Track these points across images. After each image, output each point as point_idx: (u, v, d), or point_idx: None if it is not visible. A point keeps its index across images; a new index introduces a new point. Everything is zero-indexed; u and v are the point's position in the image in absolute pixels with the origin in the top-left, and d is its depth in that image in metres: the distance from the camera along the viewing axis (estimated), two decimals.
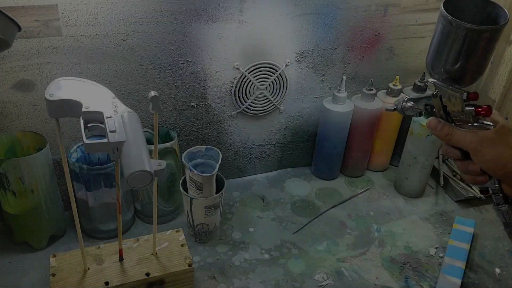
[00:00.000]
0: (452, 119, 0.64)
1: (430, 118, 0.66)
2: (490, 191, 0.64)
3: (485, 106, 0.59)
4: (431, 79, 0.66)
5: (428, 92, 0.67)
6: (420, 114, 0.71)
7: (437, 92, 0.63)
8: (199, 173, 0.89)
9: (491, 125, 0.60)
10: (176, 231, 0.92)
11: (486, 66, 0.67)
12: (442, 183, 1.17)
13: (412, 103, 0.70)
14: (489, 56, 0.64)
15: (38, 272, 0.89)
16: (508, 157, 0.59)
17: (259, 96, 1.07)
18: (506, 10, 0.62)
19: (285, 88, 1.09)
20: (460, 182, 1.19)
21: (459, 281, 0.91)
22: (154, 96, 0.68)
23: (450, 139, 0.63)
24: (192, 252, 0.95)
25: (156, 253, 0.86)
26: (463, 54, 0.63)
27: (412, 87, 1.19)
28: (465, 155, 0.64)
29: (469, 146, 0.61)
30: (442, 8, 0.63)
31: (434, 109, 0.66)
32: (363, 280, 0.92)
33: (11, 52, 0.84)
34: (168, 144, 0.94)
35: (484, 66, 0.66)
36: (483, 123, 0.61)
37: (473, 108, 0.60)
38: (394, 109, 0.74)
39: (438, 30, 0.65)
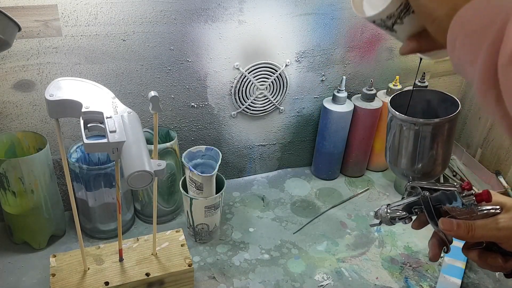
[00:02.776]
0: (453, 216, 0.59)
1: (441, 219, 0.59)
2: None
3: (485, 191, 0.56)
4: (409, 184, 0.63)
5: (410, 198, 0.64)
6: (410, 220, 0.66)
7: (424, 193, 0.60)
8: (199, 173, 0.89)
9: (497, 208, 0.56)
10: (176, 231, 0.92)
11: (451, 150, 0.68)
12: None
13: (401, 212, 0.65)
14: (453, 139, 0.66)
15: (38, 272, 0.89)
16: None
17: (259, 96, 1.07)
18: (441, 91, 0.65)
19: (285, 88, 1.09)
20: (460, 182, 1.19)
21: (459, 281, 0.91)
22: (154, 96, 0.68)
23: (473, 235, 0.55)
24: (192, 252, 0.95)
25: (156, 253, 0.86)
26: (436, 147, 0.63)
27: (412, 87, 1.19)
28: (486, 247, 0.59)
29: (499, 235, 0.54)
30: (396, 113, 0.64)
31: (424, 211, 0.62)
32: (363, 280, 0.92)
33: (11, 52, 0.84)
34: (168, 144, 0.94)
35: (451, 151, 0.67)
36: (487, 209, 0.56)
37: (473, 197, 0.57)
38: (380, 223, 0.69)
39: (403, 136, 0.65)
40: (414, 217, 0.65)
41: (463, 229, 0.55)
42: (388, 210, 0.66)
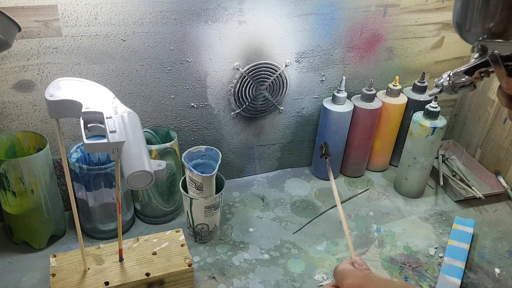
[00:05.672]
0: None
1: (507, 78, 0.56)
2: None
3: None
4: (478, 43, 0.58)
5: (477, 61, 0.59)
6: (474, 87, 0.62)
7: (493, 52, 0.56)
8: (199, 173, 0.89)
9: None
10: (176, 231, 0.92)
11: None
12: (441, 183, 1.17)
13: (466, 76, 0.61)
14: None
15: (38, 272, 0.89)
16: None
17: (259, 96, 1.07)
18: None
19: (285, 88, 1.09)
20: (459, 183, 1.19)
21: (458, 281, 0.91)
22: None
23: None
24: (192, 252, 0.95)
25: (156, 253, 0.86)
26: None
27: (411, 87, 1.19)
28: None
29: None
30: None
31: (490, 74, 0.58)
32: None
33: (11, 52, 0.84)
34: (168, 144, 0.94)
35: None
36: None
37: None
38: (440, 91, 0.65)
39: None
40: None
41: None
42: (452, 76, 0.63)
